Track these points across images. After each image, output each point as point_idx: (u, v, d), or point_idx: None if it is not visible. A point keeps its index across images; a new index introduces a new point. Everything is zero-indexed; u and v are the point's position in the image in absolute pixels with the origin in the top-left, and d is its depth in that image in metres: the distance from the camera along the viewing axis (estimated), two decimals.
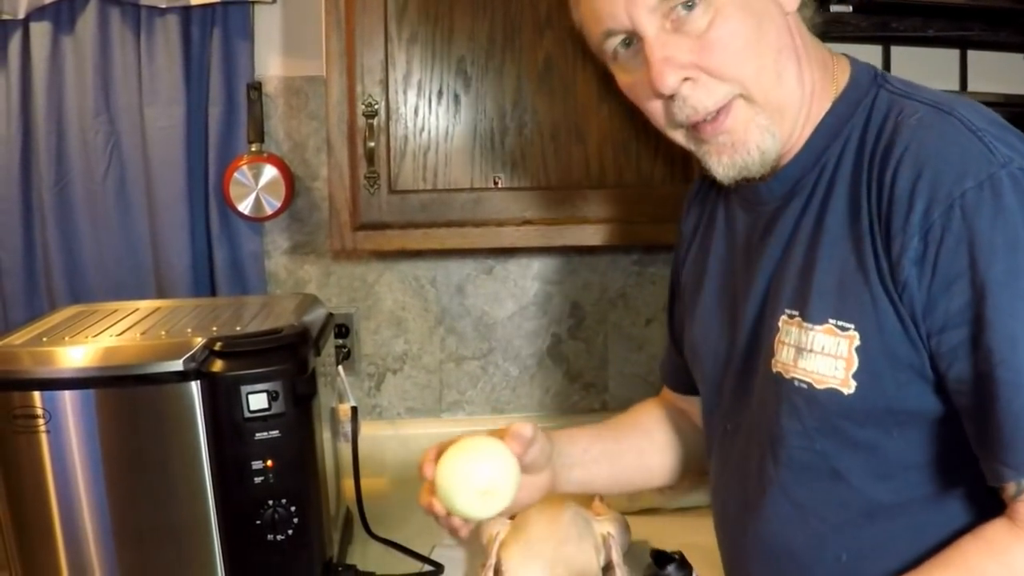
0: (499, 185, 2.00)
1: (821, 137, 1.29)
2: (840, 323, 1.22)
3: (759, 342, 1.35)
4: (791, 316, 1.28)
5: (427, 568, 1.90)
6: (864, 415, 1.23)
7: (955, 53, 2.30)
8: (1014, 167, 1.12)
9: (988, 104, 1.26)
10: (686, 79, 1.24)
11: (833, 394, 1.24)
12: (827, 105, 1.29)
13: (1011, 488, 1.13)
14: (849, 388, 1.22)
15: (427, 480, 1.39)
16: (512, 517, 1.88)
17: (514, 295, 2.47)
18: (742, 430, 1.41)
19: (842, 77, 1.31)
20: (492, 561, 1.76)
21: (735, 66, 1.23)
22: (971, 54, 2.29)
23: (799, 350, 1.26)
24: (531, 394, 2.51)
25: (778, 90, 1.26)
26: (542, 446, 1.46)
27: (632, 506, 2.10)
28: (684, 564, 1.41)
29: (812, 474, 1.30)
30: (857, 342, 1.21)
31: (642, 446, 1.68)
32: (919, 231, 1.14)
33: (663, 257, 2.47)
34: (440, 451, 1.39)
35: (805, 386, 1.26)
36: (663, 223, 2.00)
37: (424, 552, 1.95)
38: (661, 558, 1.38)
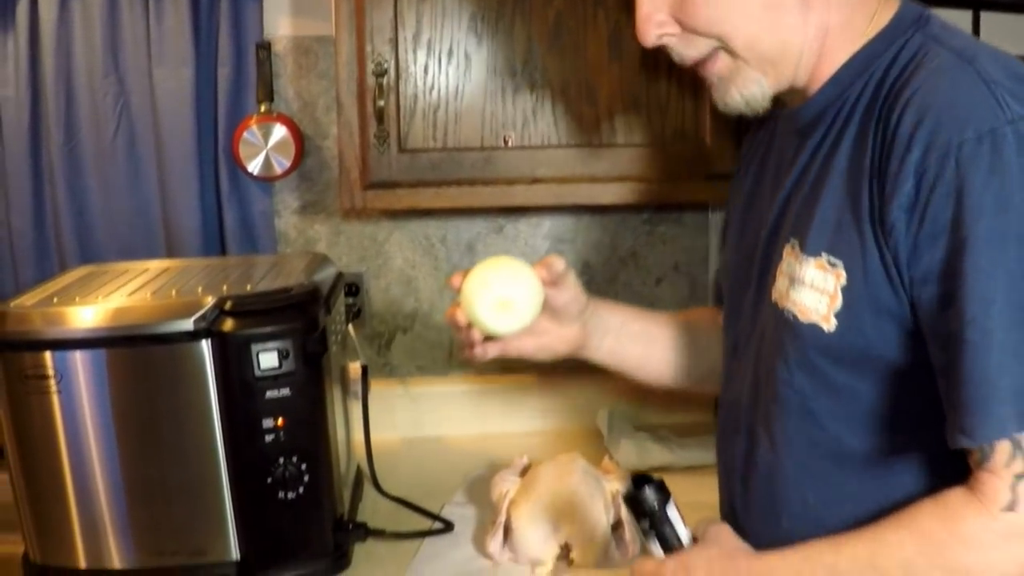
0: (509, 144, 1.99)
1: (849, 72, 1.27)
2: (831, 258, 1.21)
3: (769, 267, 1.34)
4: (792, 246, 1.27)
5: (437, 526, 1.90)
6: (841, 355, 1.22)
7: None
8: (1020, 123, 1.08)
9: None
10: (667, 34, 1.28)
11: (814, 329, 1.23)
12: (858, 43, 1.26)
13: (975, 454, 1.11)
14: (829, 325, 1.21)
15: (456, 291, 1.42)
16: (522, 474, 1.89)
17: (524, 254, 2.45)
18: (747, 353, 1.40)
19: (885, 16, 1.27)
20: (502, 519, 1.77)
21: (713, 23, 1.25)
22: None
23: (792, 280, 1.26)
24: None
25: (766, 42, 1.26)
26: (575, 294, 1.49)
27: (641, 464, 2.11)
28: (662, 488, 1.38)
29: (788, 410, 1.29)
30: (843, 281, 1.19)
31: (680, 343, 1.66)
32: (913, 176, 1.12)
33: (673, 216, 2.47)
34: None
35: (791, 318, 1.25)
36: (674, 182, 2.00)
37: (434, 510, 1.96)
38: (640, 480, 1.39)
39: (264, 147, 2.24)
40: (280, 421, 1.62)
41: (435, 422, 2.45)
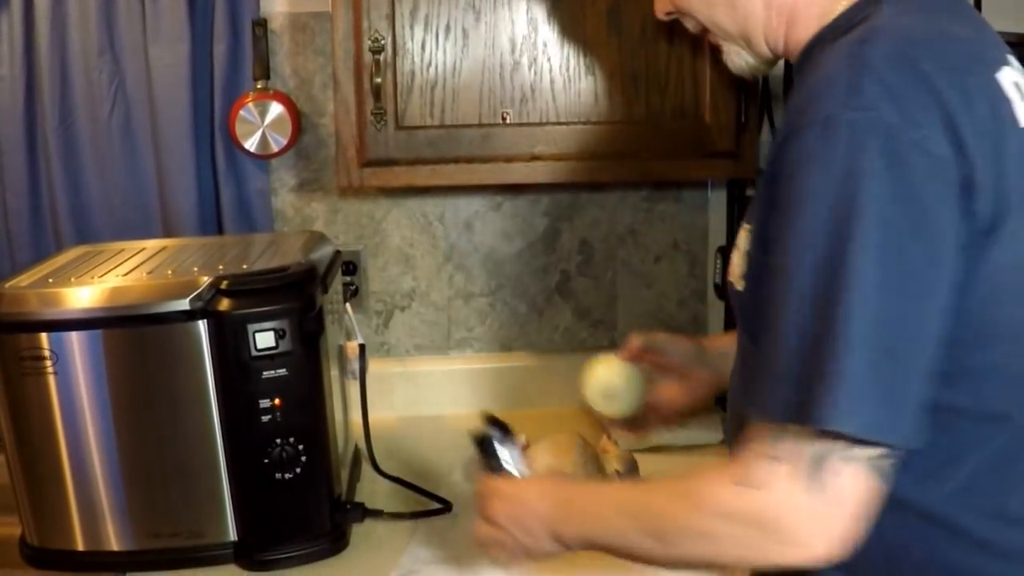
0: (507, 121, 1.97)
1: (813, 45, 1.28)
2: (749, 225, 1.25)
3: None
4: None
5: (435, 506, 1.90)
6: (751, 315, 1.23)
7: None
8: (864, 115, 1.05)
9: None
10: (670, 12, 1.47)
11: (733, 288, 1.29)
12: (827, 19, 1.27)
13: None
14: (740, 285, 1.26)
15: None
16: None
17: (523, 232, 2.45)
18: None
19: None
20: None
21: (682, 5, 1.42)
22: None
23: (735, 247, 1.31)
24: (539, 331, 2.51)
25: (727, 23, 1.37)
26: (680, 349, 1.75)
27: (640, 443, 2.10)
28: (502, 427, 1.60)
29: (737, 362, 1.37)
30: (749, 244, 1.24)
31: None
32: (773, 150, 1.16)
33: (673, 193, 2.46)
34: None
35: (729, 278, 1.32)
36: (673, 159, 2.00)
37: (433, 490, 1.95)
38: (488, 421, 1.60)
39: (261, 125, 2.23)
40: (277, 401, 1.61)
41: (434, 401, 2.45)
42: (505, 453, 1.56)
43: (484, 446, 1.55)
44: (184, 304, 1.58)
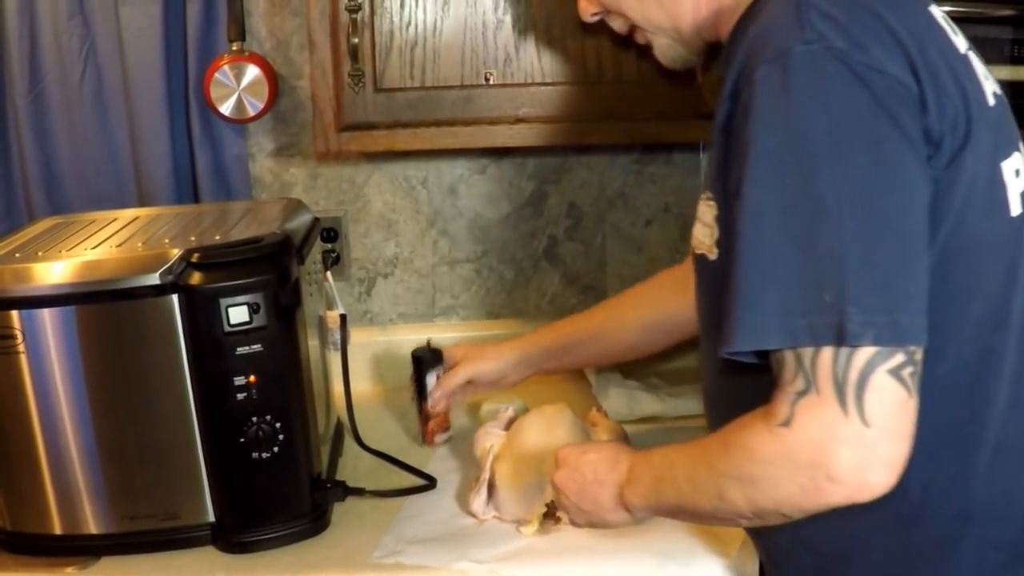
0: (491, 82, 1.93)
1: (744, 22, 1.27)
2: (708, 193, 1.26)
3: None
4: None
5: (420, 482, 1.85)
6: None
7: None
8: (818, 45, 1.09)
9: None
10: (596, 13, 1.52)
11: (703, 259, 1.29)
12: None
13: (774, 370, 1.13)
14: (713, 254, 1.25)
15: None
16: (507, 428, 1.84)
17: (509, 195, 2.40)
18: None
19: None
20: (486, 475, 1.72)
21: (612, 4, 1.46)
22: None
23: (695, 219, 1.32)
24: (527, 298, 2.46)
25: (657, 17, 1.41)
26: (489, 373, 1.94)
27: (631, 415, 2.06)
28: (439, 358, 1.98)
29: (703, 332, 1.39)
30: (715, 211, 1.23)
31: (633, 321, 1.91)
32: (728, 99, 1.17)
33: (663, 156, 2.41)
34: None
35: (692, 251, 1.34)
36: (664, 120, 1.96)
37: (418, 464, 1.91)
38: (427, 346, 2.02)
39: (236, 88, 2.16)
40: (252, 378, 1.56)
41: None
42: (431, 378, 1.96)
43: (416, 367, 1.98)
44: (154, 278, 1.53)
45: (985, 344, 1.20)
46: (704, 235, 1.27)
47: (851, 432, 1.05)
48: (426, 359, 1.97)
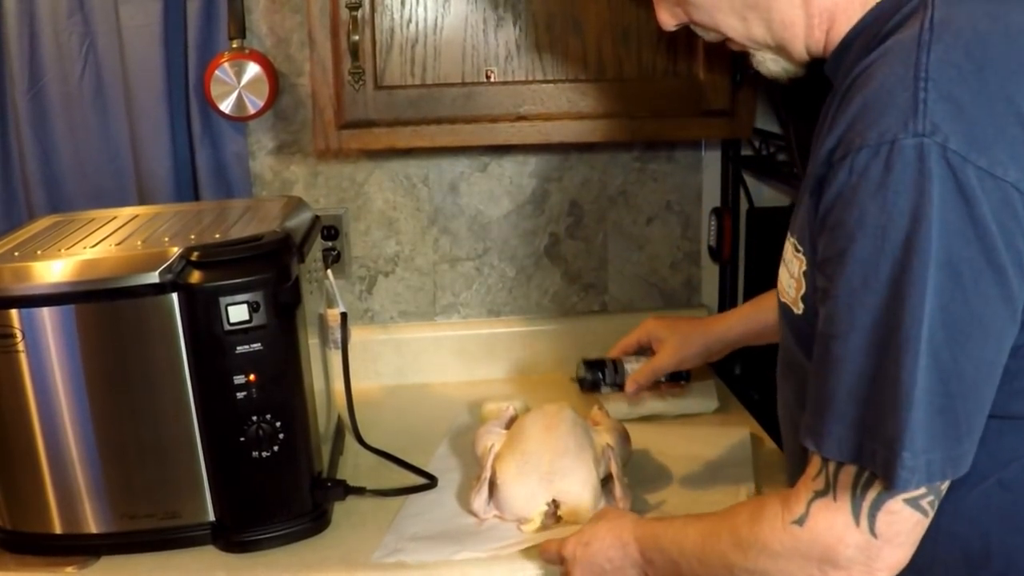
0: (492, 79, 1.92)
1: (851, 39, 1.20)
2: (796, 242, 1.21)
3: None
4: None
5: (421, 481, 1.84)
6: (807, 339, 1.17)
7: None
8: (929, 140, 0.98)
9: None
10: (681, 23, 1.36)
11: (787, 310, 1.25)
12: (870, 3, 1.19)
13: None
14: (798, 309, 1.21)
15: None
16: (508, 426, 1.83)
17: (510, 193, 2.39)
18: None
19: None
20: (487, 474, 1.71)
21: (708, 23, 1.31)
22: None
23: (782, 261, 1.28)
24: (528, 296, 2.45)
25: (761, 35, 1.28)
26: (691, 356, 1.89)
27: (632, 413, 2.05)
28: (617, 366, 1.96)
29: (781, 365, 1.37)
30: (804, 266, 1.18)
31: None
32: (824, 164, 1.08)
33: (665, 153, 2.40)
34: None
35: (778, 291, 1.30)
36: (665, 118, 1.95)
37: (418, 462, 1.90)
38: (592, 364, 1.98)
39: (237, 86, 2.15)
40: (252, 377, 1.55)
41: (419, 369, 2.40)
42: (630, 364, 1.97)
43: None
44: (154, 277, 1.52)
45: None
46: (790, 286, 1.23)
47: (859, 539, 1.08)
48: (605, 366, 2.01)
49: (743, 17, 1.26)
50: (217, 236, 1.65)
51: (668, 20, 1.36)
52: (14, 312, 1.52)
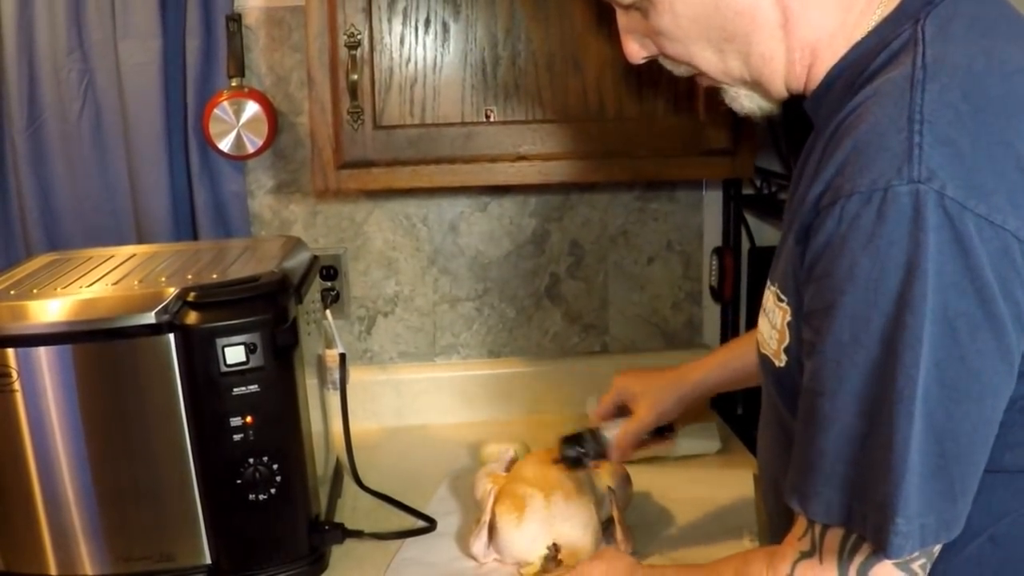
0: (491, 119, 1.91)
1: (834, 77, 1.15)
2: (779, 292, 1.16)
3: None
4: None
5: (420, 524, 1.82)
6: (790, 392, 1.14)
7: None
8: (924, 187, 0.92)
9: None
10: (650, 56, 1.28)
11: (767, 362, 1.20)
12: (853, 39, 1.14)
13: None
14: (780, 361, 1.16)
15: None
16: (508, 469, 1.82)
17: (510, 233, 2.38)
18: None
19: (893, 2, 1.12)
20: (486, 518, 1.69)
21: (681, 56, 1.23)
22: None
23: (763, 310, 1.24)
24: (528, 336, 2.44)
25: (738, 70, 1.21)
26: (667, 411, 1.77)
27: (632, 456, 2.02)
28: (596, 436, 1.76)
29: (774, 429, 1.29)
30: (789, 316, 1.13)
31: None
32: (811, 210, 1.02)
33: (666, 192, 2.40)
34: None
35: (760, 350, 1.24)
36: (666, 157, 1.94)
37: (417, 504, 1.88)
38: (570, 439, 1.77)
39: (236, 124, 2.15)
40: (249, 419, 1.54)
41: (419, 410, 2.38)
42: (610, 430, 1.76)
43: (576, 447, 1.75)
44: (150, 317, 1.50)
45: None
46: (771, 337, 1.18)
47: None
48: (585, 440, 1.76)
49: (720, 50, 1.19)
50: (215, 276, 1.64)
51: (636, 52, 1.28)
52: (10, 351, 1.50)
